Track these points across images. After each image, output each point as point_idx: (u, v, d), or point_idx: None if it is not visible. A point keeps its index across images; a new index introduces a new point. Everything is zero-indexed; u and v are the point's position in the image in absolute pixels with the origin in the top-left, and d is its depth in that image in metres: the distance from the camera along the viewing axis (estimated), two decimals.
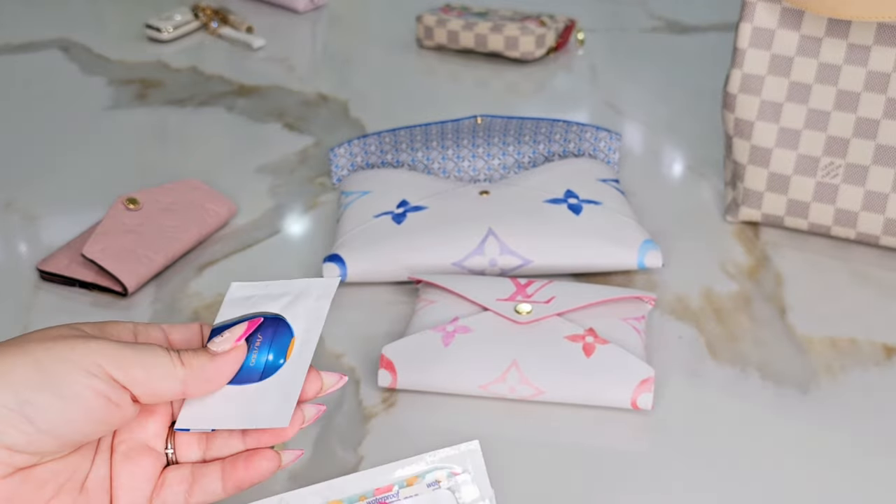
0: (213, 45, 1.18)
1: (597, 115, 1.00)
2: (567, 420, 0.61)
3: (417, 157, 0.82)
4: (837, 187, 0.74)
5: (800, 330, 0.68)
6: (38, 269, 0.74)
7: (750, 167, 0.76)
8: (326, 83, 1.07)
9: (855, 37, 0.70)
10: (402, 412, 0.61)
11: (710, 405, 0.62)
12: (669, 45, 1.16)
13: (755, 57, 0.73)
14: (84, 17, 1.28)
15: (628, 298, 0.66)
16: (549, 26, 1.09)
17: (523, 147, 0.83)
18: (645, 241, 0.72)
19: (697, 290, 0.72)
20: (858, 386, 0.63)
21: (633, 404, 0.60)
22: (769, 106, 0.74)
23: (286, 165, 0.90)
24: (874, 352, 0.66)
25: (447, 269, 0.71)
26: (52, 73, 1.11)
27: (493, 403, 0.62)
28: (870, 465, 0.57)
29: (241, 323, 0.46)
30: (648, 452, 0.59)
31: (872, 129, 0.71)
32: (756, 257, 0.76)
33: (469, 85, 1.07)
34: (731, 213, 0.80)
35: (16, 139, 0.97)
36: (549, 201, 0.75)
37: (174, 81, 1.08)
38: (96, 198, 0.84)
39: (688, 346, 0.67)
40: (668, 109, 1.00)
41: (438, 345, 0.62)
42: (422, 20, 1.13)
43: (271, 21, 1.23)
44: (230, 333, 0.46)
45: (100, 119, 1.00)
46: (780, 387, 0.63)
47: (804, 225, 0.76)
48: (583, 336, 0.62)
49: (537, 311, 0.63)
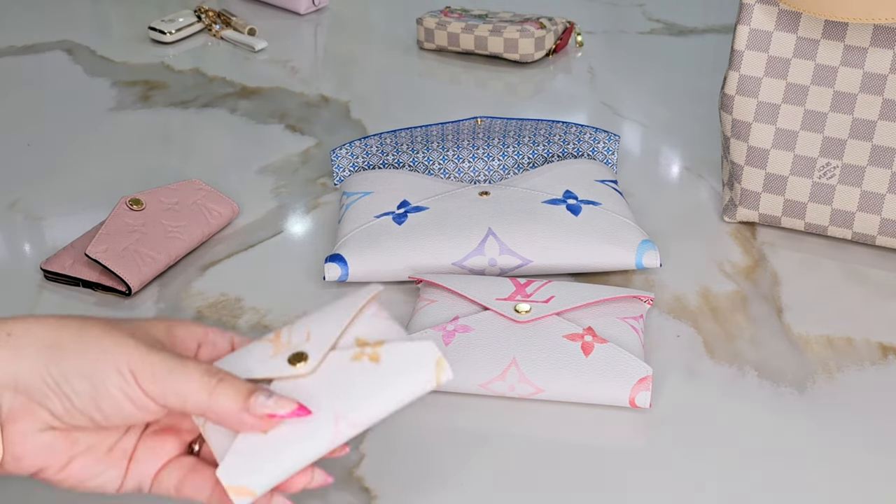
0: (216, 48, 1.19)
1: (595, 116, 1.01)
2: (566, 418, 0.61)
3: (418, 158, 0.83)
4: (834, 188, 0.74)
5: (796, 329, 0.69)
6: (42, 268, 0.75)
7: (747, 168, 0.77)
8: (328, 85, 1.08)
9: (851, 38, 0.71)
10: (402, 411, 0.62)
11: (707, 404, 0.62)
12: (667, 47, 1.16)
13: (752, 59, 0.74)
14: (88, 19, 1.29)
15: (626, 298, 0.67)
16: (549, 29, 1.09)
17: (523, 148, 0.83)
18: (643, 241, 0.73)
19: (695, 289, 0.73)
20: (855, 385, 0.64)
21: (632, 402, 0.60)
22: (766, 107, 0.75)
23: (288, 166, 0.91)
24: (870, 351, 0.67)
25: (447, 268, 0.72)
26: (57, 74, 1.12)
27: (492, 401, 0.62)
28: (866, 463, 0.58)
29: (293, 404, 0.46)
30: (646, 450, 0.59)
31: (869, 130, 0.72)
32: (753, 257, 0.77)
33: (469, 86, 1.08)
34: (728, 213, 0.80)
35: (20, 140, 0.97)
36: (548, 202, 0.75)
37: (177, 83, 1.09)
38: (100, 198, 0.85)
39: (685, 345, 0.67)
40: (666, 111, 1.00)
41: (439, 344, 0.63)
42: (422, 22, 1.13)
43: (273, 23, 1.24)
44: (275, 403, 0.45)
45: (103, 120, 1.01)
46: (776, 385, 0.64)
47: (801, 225, 0.77)
48: (581, 335, 0.63)
49: (536, 311, 0.64)
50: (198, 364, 0.45)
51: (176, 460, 0.48)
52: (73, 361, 0.44)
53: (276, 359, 0.48)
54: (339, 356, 0.48)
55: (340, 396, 0.46)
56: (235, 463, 0.46)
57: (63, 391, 0.44)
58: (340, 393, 0.47)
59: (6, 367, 0.43)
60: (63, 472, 0.46)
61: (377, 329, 0.49)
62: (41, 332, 0.44)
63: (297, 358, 0.48)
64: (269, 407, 0.45)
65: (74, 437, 0.46)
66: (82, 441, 0.46)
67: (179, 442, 0.49)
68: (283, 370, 0.47)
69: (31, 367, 0.43)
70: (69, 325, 0.45)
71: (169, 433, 0.48)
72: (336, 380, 0.47)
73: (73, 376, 0.43)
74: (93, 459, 0.46)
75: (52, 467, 0.45)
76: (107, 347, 0.44)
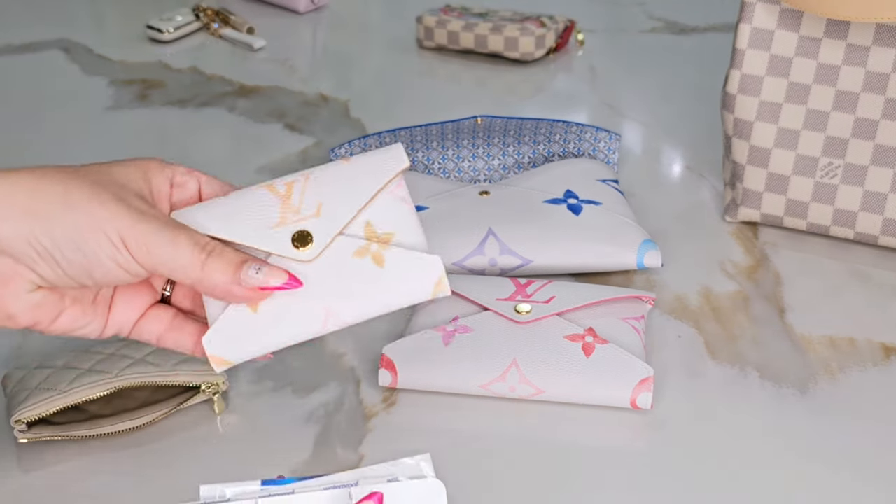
0: (214, 46, 1.18)
1: (596, 115, 1.00)
2: (567, 419, 0.61)
3: (418, 158, 0.82)
4: (836, 187, 0.74)
5: (798, 330, 0.68)
6: None
7: (749, 167, 0.76)
8: (327, 84, 1.07)
9: (854, 37, 0.70)
10: (402, 411, 0.62)
11: (709, 404, 0.62)
12: (669, 46, 1.16)
13: (754, 57, 0.73)
14: (85, 17, 1.29)
15: (627, 298, 0.66)
16: (549, 27, 1.09)
17: (523, 147, 0.83)
18: (644, 241, 0.72)
19: (696, 289, 0.72)
20: (857, 386, 0.63)
21: (633, 404, 0.60)
22: (768, 106, 0.74)
23: (287, 166, 0.91)
24: (873, 351, 0.66)
25: (448, 268, 0.71)
26: (54, 73, 1.11)
27: (493, 402, 0.62)
28: (868, 464, 0.58)
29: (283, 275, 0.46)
30: (647, 451, 0.59)
31: (871, 129, 0.72)
32: (755, 257, 0.76)
33: (469, 85, 1.08)
34: (730, 213, 0.80)
35: (17, 139, 0.97)
36: (548, 201, 0.75)
37: (175, 82, 1.08)
38: None
39: (687, 346, 0.67)
40: (668, 110, 1.00)
41: (439, 344, 0.62)
42: (422, 21, 1.13)
43: (272, 22, 1.24)
44: (265, 275, 0.45)
45: (101, 119, 1.00)
46: (778, 386, 0.63)
47: (803, 225, 0.77)
48: (582, 336, 0.62)
49: (537, 311, 0.64)
50: (189, 235, 0.45)
51: (155, 312, 0.50)
52: (61, 230, 0.44)
53: (280, 232, 0.46)
54: (343, 245, 0.46)
55: (335, 293, 0.46)
56: (221, 335, 0.47)
57: (54, 258, 0.44)
58: (336, 290, 0.46)
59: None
60: (54, 324, 0.48)
61: (391, 214, 0.47)
62: (22, 196, 0.44)
63: (301, 240, 0.46)
64: (258, 280, 0.45)
65: (62, 293, 0.47)
66: (69, 295, 0.47)
67: (150, 292, 0.51)
68: (285, 249, 0.46)
69: (15, 232, 0.43)
70: (52, 186, 0.45)
71: (143, 284, 0.50)
72: (334, 273, 0.46)
73: (63, 245, 0.44)
74: (80, 311, 0.48)
75: (44, 322, 0.47)
76: (95, 213, 0.44)
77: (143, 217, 0.45)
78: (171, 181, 0.50)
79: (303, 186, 0.47)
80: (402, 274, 0.46)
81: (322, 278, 0.46)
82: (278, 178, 0.49)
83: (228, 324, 0.47)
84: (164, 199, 0.50)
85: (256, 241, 0.46)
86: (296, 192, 0.47)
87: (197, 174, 0.51)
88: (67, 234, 0.44)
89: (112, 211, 0.44)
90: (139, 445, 0.59)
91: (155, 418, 0.59)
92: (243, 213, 0.47)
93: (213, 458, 0.58)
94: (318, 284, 0.46)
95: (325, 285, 0.46)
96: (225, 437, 0.60)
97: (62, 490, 0.56)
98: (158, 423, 0.60)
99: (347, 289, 0.46)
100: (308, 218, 0.46)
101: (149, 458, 0.58)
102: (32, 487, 0.56)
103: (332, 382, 0.64)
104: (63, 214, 0.44)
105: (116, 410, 0.59)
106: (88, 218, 0.44)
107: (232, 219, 0.47)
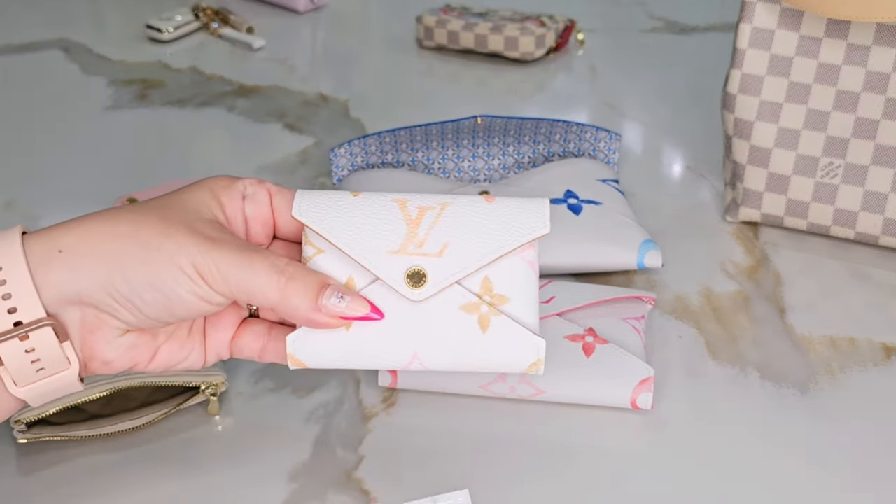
0: (214, 46, 1.18)
1: (596, 115, 1.00)
2: (567, 420, 0.61)
3: (417, 158, 0.82)
4: (837, 187, 0.74)
5: (799, 330, 0.68)
6: None
7: (749, 167, 0.76)
8: (327, 83, 1.07)
9: (854, 37, 0.70)
10: (402, 412, 0.62)
11: (709, 405, 0.62)
12: (669, 46, 1.16)
13: (755, 57, 0.73)
14: (85, 17, 1.29)
15: (628, 298, 0.66)
16: (549, 27, 1.09)
17: (523, 147, 0.83)
18: (644, 241, 0.72)
19: (697, 289, 0.72)
20: (858, 386, 0.63)
21: (633, 404, 0.60)
22: (768, 106, 0.74)
23: (287, 165, 0.91)
24: (873, 352, 0.66)
25: None
26: (53, 73, 1.11)
27: (493, 403, 0.62)
28: (869, 465, 0.57)
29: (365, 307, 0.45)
30: (648, 452, 0.59)
31: (872, 129, 0.71)
32: (755, 257, 0.76)
33: (469, 85, 1.07)
34: (730, 213, 0.80)
35: (17, 139, 0.97)
36: None
37: (175, 82, 1.08)
38: (97, 198, 0.84)
39: (687, 346, 0.67)
40: (668, 110, 1.00)
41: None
42: (422, 21, 1.13)
43: (272, 21, 1.24)
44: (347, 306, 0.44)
45: (100, 119, 1.00)
46: (779, 386, 0.63)
47: (803, 225, 0.77)
48: (582, 336, 0.62)
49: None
50: (263, 257, 0.44)
51: (250, 328, 0.49)
52: (136, 272, 0.43)
53: (397, 262, 0.44)
54: (453, 295, 0.44)
55: (429, 340, 0.45)
56: (307, 339, 0.46)
57: (133, 303, 0.43)
58: (431, 337, 0.45)
59: (65, 286, 0.42)
60: (152, 363, 0.47)
61: (513, 276, 0.45)
62: (94, 244, 0.43)
63: (416, 279, 0.44)
64: (339, 309, 0.44)
65: (154, 332, 0.46)
66: (162, 332, 0.47)
67: (236, 310, 0.50)
68: (396, 283, 0.44)
69: (91, 282, 0.42)
70: (121, 229, 0.43)
71: (228, 306, 0.49)
72: (436, 321, 0.44)
73: (141, 288, 0.43)
74: (177, 345, 0.48)
75: (142, 362, 0.46)
76: (166, 248, 0.43)
77: (215, 244, 0.44)
78: (243, 194, 0.48)
79: (434, 219, 0.45)
80: (501, 345, 0.45)
81: (421, 321, 0.45)
82: (415, 194, 0.46)
83: (319, 331, 0.46)
84: (238, 215, 0.48)
85: (372, 264, 0.44)
86: (425, 223, 0.45)
87: (267, 185, 0.49)
88: (142, 275, 0.43)
89: (181, 243, 0.43)
90: (139, 446, 0.59)
91: (154, 418, 0.59)
92: (367, 227, 0.45)
93: (213, 459, 0.58)
94: (415, 326, 0.45)
95: (421, 329, 0.45)
96: (224, 437, 0.60)
97: (62, 490, 0.56)
98: (158, 423, 0.60)
99: (442, 340, 0.44)
100: (429, 256, 0.44)
101: (148, 458, 0.58)
102: (32, 488, 0.56)
103: (331, 383, 0.64)
104: (135, 255, 0.43)
105: (116, 410, 0.59)
106: (160, 254, 0.43)
107: (355, 230, 0.45)
